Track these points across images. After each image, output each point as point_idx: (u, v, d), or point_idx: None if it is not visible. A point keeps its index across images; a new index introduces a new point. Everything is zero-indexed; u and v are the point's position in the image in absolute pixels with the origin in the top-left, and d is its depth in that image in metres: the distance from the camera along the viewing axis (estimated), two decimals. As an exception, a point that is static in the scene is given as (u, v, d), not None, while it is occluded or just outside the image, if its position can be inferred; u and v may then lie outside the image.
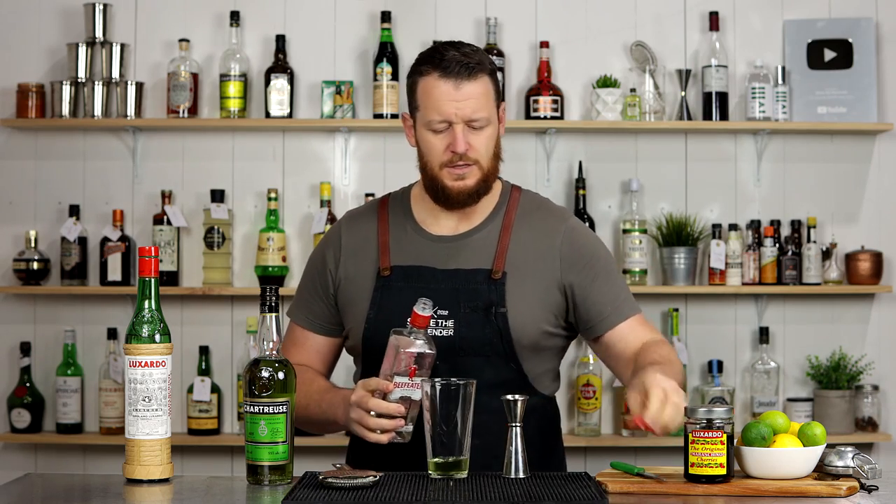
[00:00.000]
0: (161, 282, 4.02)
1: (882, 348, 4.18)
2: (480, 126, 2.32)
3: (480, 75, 2.31)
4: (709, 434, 2.08)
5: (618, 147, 4.16)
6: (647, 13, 4.17)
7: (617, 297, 2.40)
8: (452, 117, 2.30)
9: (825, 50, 4.13)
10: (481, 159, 2.33)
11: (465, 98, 2.29)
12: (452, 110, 2.29)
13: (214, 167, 4.13)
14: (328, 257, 2.45)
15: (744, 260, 4.06)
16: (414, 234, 2.41)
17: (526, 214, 2.43)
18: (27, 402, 4.03)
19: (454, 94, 2.30)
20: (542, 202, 2.50)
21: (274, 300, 2.13)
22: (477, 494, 1.97)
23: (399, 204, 2.46)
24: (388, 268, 2.38)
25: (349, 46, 4.14)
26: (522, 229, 2.41)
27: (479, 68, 2.31)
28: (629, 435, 4.03)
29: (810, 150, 4.18)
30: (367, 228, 2.45)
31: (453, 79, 2.30)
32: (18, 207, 4.12)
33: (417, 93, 2.35)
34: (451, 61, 2.30)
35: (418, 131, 2.37)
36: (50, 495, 2.16)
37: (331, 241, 2.47)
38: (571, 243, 2.41)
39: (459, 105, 2.29)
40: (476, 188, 2.35)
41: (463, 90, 2.30)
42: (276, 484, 2.09)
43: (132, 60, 4.12)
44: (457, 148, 2.30)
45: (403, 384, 2.18)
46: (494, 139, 2.36)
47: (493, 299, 2.32)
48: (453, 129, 2.31)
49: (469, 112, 2.30)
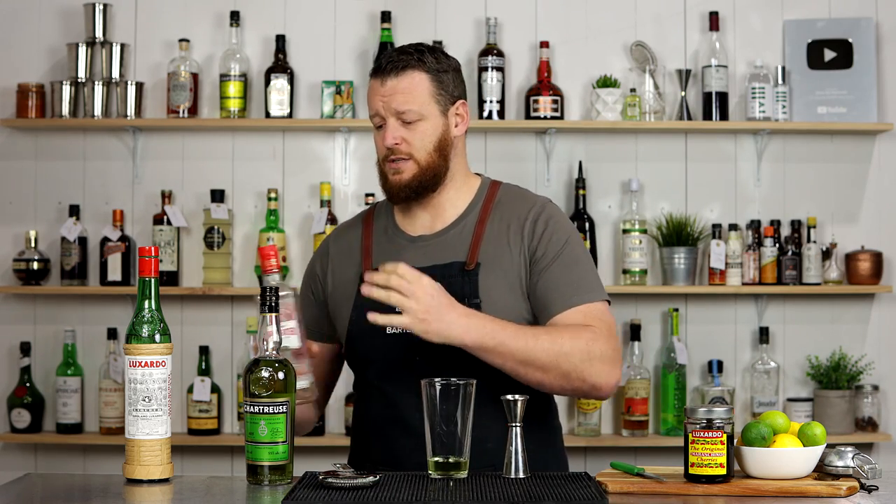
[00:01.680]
0: (161, 282, 4.02)
1: (882, 348, 4.18)
2: (410, 120, 2.37)
3: (409, 71, 2.38)
4: (709, 434, 2.08)
5: (618, 147, 4.16)
6: (647, 13, 4.17)
7: (570, 284, 2.35)
8: (381, 110, 2.38)
9: (825, 50, 4.13)
10: (416, 153, 2.38)
11: (390, 93, 2.37)
12: (380, 104, 2.38)
13: (214, 167, 4.13)
14: (317, 267, 2.54)
15: (744, 260, 4.06)
16: (394, 236, 2.47)
17: (501, 205, 2.46)
18: (27, 402, 4.03)
19: (380, 90, 2.39)
20: (519, 192, 2.51)
21: (274, 300, 2.13)
22: (477, 494, 1.97)
23: (383, 211, 2.53)
24: (369, 270, 2.41)
25: (349, 46, 4.14)
26: (496, 220, 2.43)
27: (410, 65, 2.39)
28: (629, 435, 4.03)
29: (810, 150, 4.18)
30: (352, 236, 2.52)
31: (381, 76, 2.39)
32: (18, 207, 4.12)
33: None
34: (383, 60, 2.41)
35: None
36: (50, 495, 2.16)
37: (321, 251, 2.57)
38: (537, 222, 2.40)
39: (385, 99, 2.37)
40: (412, 182, 2.39)
41: (388, 85, 2.38)
42: (276, 484, 2.09)
43: (132, 60, 4.12)
44: (386, 141, 2.38)
45: (286, 330, 2.23)
46: (435, 135, 2.39)
47: (466, 290, 2.34)
48: (385, 124, 2.39)
49: (395, 105, 2.37)
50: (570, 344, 2.25)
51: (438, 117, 2.40)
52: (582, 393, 2.31)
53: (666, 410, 4.04)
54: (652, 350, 4.14)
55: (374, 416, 2.38)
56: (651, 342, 4.15)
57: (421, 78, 2.39)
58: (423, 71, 2.39)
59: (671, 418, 4.03)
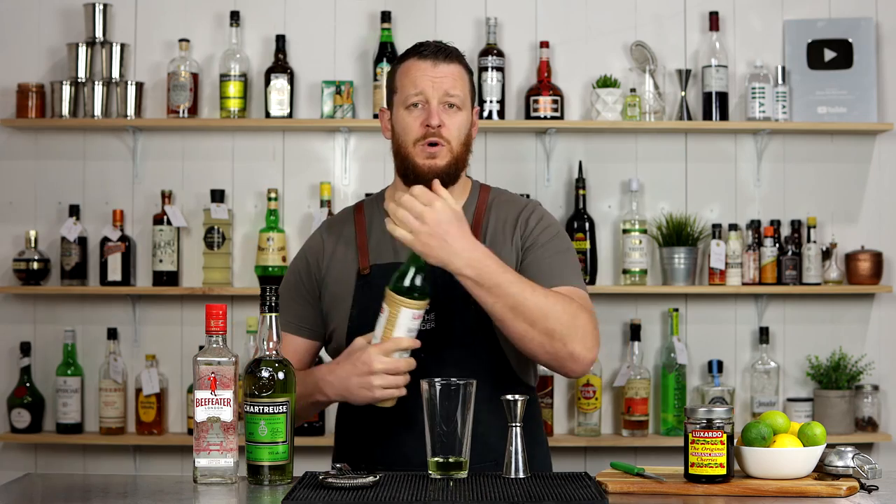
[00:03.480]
0: (161, 282, 4.03)
1: (882, 348, 4.18)
2: (455, 104, 2.39)
3: (456, 62, 2.43)
4: (709, 434, 2.08)
5: (618, 147, 4.16)
6: (647, 13, 4.17)
7: (555, 267, 2.39)
8: (429, 90, 2.38)
9: (825, 50, 4.13)
10: (453, 141, 2.39)
11: (441, 75, 2.39)
12: (429, 83, 2.39)
13: (214, 167, 4.13)
14: (311, 262, 2.51)
15: (744, 260, 4.06)
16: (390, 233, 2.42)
17: (495, 206, 2.48)
18: (27, 402, 4.03)
19: (431, 70, 2.40)
20: (510, 196, 2.55)
21: (274, 300, 2.13)
22: (477, 494, 1.97)
23: (374, 207, 2.53)
24: (367, 267, 2.43)
25: (349, 46, 4.14)
26: (490, 220, 2.46)
27: (456, 55, 2.44)
28: (629, 435, 4.03)
29: (810, 150, 4.18)
30: (346, 232, 2.51)
31: (430, 59, 2.41)
32: (18, 207, 4.12)
33: (396, 77, 2.46)
34: (428, 46, 2.43)
35: (395, 115, 2.44)
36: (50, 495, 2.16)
37: (313, 246, 2.54)
38: (530, 218, 2.45)
39: (436, 80, 2.39)
40: (446, 169, 2.39)
41: (439, 68, 2.40)
42: (276, 484, 2.09)
43: (132, 60, 4.12)
44: (431, 120, 2.37)
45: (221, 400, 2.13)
46: (467, 128, 2.42)
47: None
48: (429, 105, 2.38)
49: (446, 86, 2.39)
50: (560, 306, 2.27)
51: (469, 113, 2.44)
52: (558, 359, 2.28)
53: (666, 410, 4.04)
54: (652, 350, 4.14)
55: (375, 415, 2.38)
56: (651, 342, 4.15)
57: (462, 72, 2.44)
58: (463, 66, 2.45)
59: (671, 418, 4.03)
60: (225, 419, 2.11)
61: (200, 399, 2.11)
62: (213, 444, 2.11)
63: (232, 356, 2.12)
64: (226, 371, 2.11)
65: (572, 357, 2.28)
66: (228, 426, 2.11)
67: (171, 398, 4.12)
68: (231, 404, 2.10)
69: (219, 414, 2.11)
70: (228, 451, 2.12)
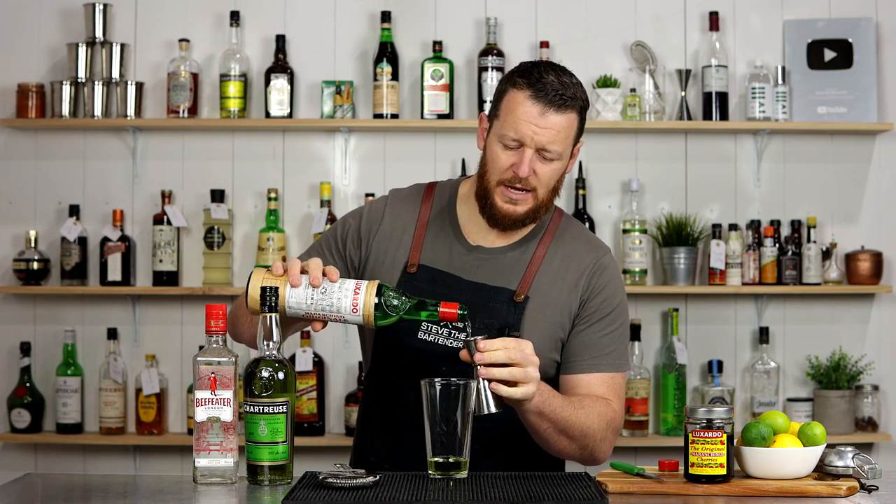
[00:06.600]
0: (161, 282, 4.03)
1: (882, 348, 4.18)
2: (551, 158, 2.27)
3: (570, 111, 2.27)
4: (709, 434, 2.08)
5: (618, 147, 4.16)
6: (647, 13, 4.17)
7: (603, 348, 2.35)
8: (527, 140, 2.25)
9: (825, 50, 4.13)
10: (540, 189, 2.29)
11: (547, 126, 2.25)
12: (530, 133, 2.25)
13: (214, 167, 4.13)
14: (363, 225, 2.41)
15: (744, 260, 4.06)
16: (451, 237, 2.38)
17: (562, 240, 2.40)
18: (27, 402, 4.03)
19: (537, 120, 2.25)
20: (580, 230, 2.46)
21: (274, 300, 2.13)
22: (477, 494, 1.97)
23: (444, 199, 2.43)
24: (415, 265, 2.35)
25: (349, 46, 4.14)
26: (556, 256, 2.37)
27: (572, 103, 2.27)
28: (629, 435, 4.03)
29: (810, 150, 4.18)
30: (408, 214, 2.41)
31: (542, 104, 2.25)
32: (18, 207, 4.12)
33: (502, 103, 2.30)
34: (546, 85, 2.25)
35: (490, 139, 2.32)
36: (50, 495, 2.16)
37: (373, 213, 2.43)
38: (597, 278, 2.37)
39: (538, 131, 2.25)
40: (525, 216, 2.31)
41: (548, 119, 2.25)
42: (276, 484, 2.09)
43: (132, 60, 4.12)
44: (520, 171, 2.26)
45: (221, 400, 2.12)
46: (559, 174, 2.32)
47: (510, 321, 2.30)
48: (523, 151, 2.26)
49: (545, 141, 2.25)
50: (597, 423, 2.28)
51: (566, 158, 2.32)
52: (581, 460, 2.34)
53: (666, 410, 4.04)
54: (652, 350, 4.14)
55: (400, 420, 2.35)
56: (651, 342, 4.15)
57: (573, 120, 2.29)
58: (577, 112, 2.29)
59: (671, 418, 4.03)
60: (225, 419, 2.11)
61: (200, 399, 2.11)
62: (213, 444, 2.11)
63: (232, 356, 2.12)
64: (226, 371, 2.11)
65: (593, 460, 2.34)
66: (228, 426, 2.11)
67: (171, 398, 4.12)
68: (231, 404, 2.10)
69: (219, 414, 2.11)
70: (228, 451, 2.12)
